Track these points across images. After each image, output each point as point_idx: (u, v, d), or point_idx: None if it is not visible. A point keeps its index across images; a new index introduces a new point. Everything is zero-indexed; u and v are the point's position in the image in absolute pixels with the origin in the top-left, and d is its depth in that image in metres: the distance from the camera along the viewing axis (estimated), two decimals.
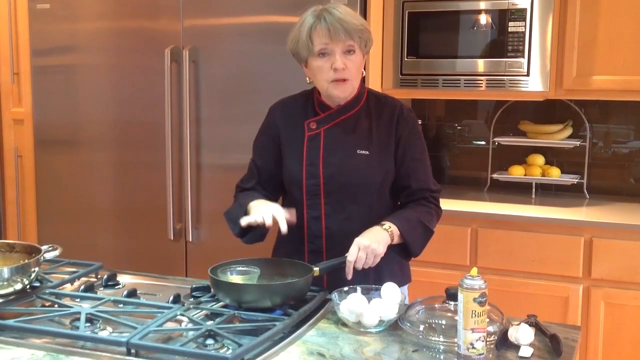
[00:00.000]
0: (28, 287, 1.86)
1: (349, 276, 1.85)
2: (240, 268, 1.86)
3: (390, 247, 1.92)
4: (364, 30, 1.92)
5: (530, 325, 1.63)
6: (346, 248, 1.91)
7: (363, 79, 2.06)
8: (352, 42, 1.90)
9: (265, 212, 1.86)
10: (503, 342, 1.59)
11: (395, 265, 2.05)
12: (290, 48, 1.98)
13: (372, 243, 1.85)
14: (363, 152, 1.97)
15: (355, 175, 1.97)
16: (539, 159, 3.34)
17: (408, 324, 1.69)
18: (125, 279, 2.06)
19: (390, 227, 1.91)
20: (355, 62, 1.93)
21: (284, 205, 2.10)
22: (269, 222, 1.84)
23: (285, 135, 2.06)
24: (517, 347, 1.58)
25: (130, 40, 3.11)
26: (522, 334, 1.58)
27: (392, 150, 2.00)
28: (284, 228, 1.84)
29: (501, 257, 2.93)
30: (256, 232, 1.97)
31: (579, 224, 2.84)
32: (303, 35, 1.91)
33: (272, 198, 2.08)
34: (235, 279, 1.83)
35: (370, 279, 1.92)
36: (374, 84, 3.02)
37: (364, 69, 2.02)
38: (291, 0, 2.80)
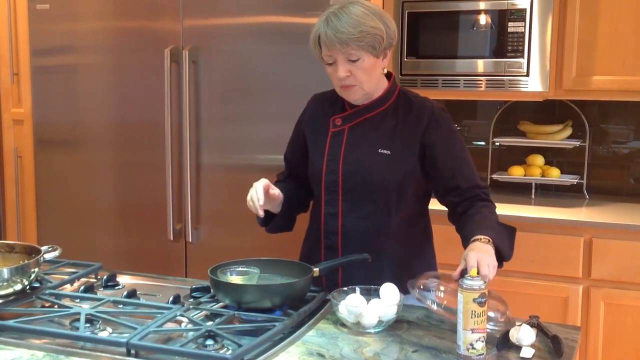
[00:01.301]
0: (28, 287, 1.86)
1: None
2: (240, 268, 1.86)
3: None
4: (364, 36, 1.86)
5: (532, 326, 1.63)
6: (361, 246, 1.92)
7: (394, 77, 2.04)
8: (352, 51, 1.87)
9: (250, 195, 1.89)
10: (504, 343, 1.59)
11: (425, 265, 2.04)
12: None
13: (487, 255, 1.74)
14: (384, 151, 1.95)
15: (373, 174, 1.95)
16: (539, 160, 3.34)
17: (417, 291, 1.70)
18: (125, 280, 2.06)
19: (488, 240, 1.79)
20: (362, 68, 1.89)
21: (314, 200, 2.12)
22: (253, 206, 1.88)
23: (310, 130, 2.08)
24: (518, 348, 1.58)
25: (130, 40, 3.10)
26: (524, 335, 1.58)
27: (417, 152, 1.95)
28: (260, 212, 1.88)
29: None
30: (276, 221, 2.04)
31: (578, 224, 2.84)
32: (312, 42, 1.93)
33: (303, 190, 2.12)
34: (235, 279, 1.83)
35: (404, 277, 1.84)
36: None
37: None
38: (291, 0, 2.80)
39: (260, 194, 1.87)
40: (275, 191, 1.95)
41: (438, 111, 1.99)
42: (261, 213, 1.89)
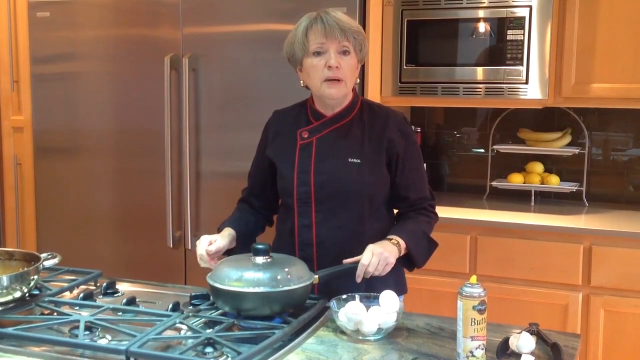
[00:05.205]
0: (27, 295, 1.85)
1: (359, 279, 1.87)
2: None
3: (397, 259, 1.94)
4: (360, 32, 1.96)
5: (531, 334, 1.63)
6: (337, 256, 1.93)
7: (355, 90, 2.07)
8: (347, 43, 1.93)
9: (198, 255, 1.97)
10: (504, 350, 1.59)
11: (388, 275, 2.04)
12: (286, 51, 2.01)
13: (384, 251, 1.88)
14: (355, 160, 1.98)
15: (346, 183, 1.97)
16: (538, 167, 3.34)
17: None
18: (125, 287, 2.06)
19: (398, 242, 1.94)
20: (349, 64, 1.95)
21: (279, 213, 2.12)
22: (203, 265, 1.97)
23: (277, 147, 2.08)
24: (518, 356, 1.58)
25: (130, 47, 3.11)
26: (523, 343, 1.58)
27: (384, 160, 2.00)
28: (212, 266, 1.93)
29: (500, 264, 2.93)
30: (234, 253, 2.03)
31: (578, 232, 2.84)
32: (299, 35, 1.95)
33: (262, 212, 2.17)
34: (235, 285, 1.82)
35: (361, 289, 1.91)
36: (373, 92, 3.02)
37: (363, 76, 2.03)
38: (291, 8, 2.81)
39: (205, 258, 1.95)
40: (213, 248, 1.96)
41: (401, 120, 2.06)
42: (213, 266, 1.95)
